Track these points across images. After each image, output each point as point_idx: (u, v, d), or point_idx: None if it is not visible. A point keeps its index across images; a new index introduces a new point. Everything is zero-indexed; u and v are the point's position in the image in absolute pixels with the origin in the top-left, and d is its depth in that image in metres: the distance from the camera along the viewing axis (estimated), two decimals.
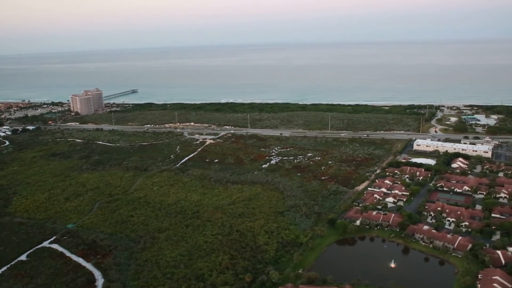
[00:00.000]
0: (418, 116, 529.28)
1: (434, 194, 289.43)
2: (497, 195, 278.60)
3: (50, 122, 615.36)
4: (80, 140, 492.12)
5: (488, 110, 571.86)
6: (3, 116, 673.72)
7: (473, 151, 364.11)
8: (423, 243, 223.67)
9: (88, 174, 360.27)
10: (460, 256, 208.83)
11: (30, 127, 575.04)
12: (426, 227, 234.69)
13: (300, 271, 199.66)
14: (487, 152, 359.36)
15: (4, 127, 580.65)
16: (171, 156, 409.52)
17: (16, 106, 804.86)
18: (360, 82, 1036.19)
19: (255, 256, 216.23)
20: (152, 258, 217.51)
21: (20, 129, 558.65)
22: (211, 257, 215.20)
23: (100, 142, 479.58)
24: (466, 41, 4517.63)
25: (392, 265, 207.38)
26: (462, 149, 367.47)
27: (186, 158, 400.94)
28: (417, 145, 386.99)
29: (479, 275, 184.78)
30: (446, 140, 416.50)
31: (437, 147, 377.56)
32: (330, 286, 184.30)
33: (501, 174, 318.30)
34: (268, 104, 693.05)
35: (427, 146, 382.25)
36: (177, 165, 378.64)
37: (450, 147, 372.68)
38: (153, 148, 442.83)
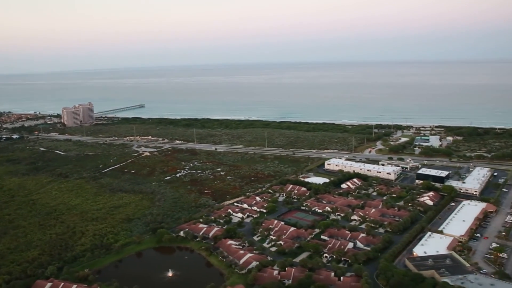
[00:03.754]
0: (364, 136, 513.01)
1: (292, 212, 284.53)
2: (351, 217, 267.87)
3: (36, 132, 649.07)
4: (43, 149, 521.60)
5: (451, 131, 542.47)
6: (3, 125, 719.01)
7: (377, 172, 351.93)
8: (220, 257, 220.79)
9: (17, 178, 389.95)
10: (243, 272, 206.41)
11: (15, 136, 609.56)
12: (230, 242, 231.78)
13: (86, 270, 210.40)
14: (389, 174, 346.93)
15: None
16: (100, 165, 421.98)
17: (25, 116, 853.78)
18: (355, 100, 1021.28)
19: (61, 254, 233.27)
20: None
21: (4, 138, 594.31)
22: (28, 252, 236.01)
23: (57, 151, 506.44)
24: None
25: (170, 274, 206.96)
26: (368, 170, 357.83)
27: (110, 168, 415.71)
28: (327, 164, 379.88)
29: None
30: (361, 160, 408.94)
31: (345, 167, 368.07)
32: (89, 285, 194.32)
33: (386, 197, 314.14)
34: (237, 120, 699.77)
35: (336, 165, 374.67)
36: (96, 174, 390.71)
37: (357, 168, 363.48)
38: (93, 158, 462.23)
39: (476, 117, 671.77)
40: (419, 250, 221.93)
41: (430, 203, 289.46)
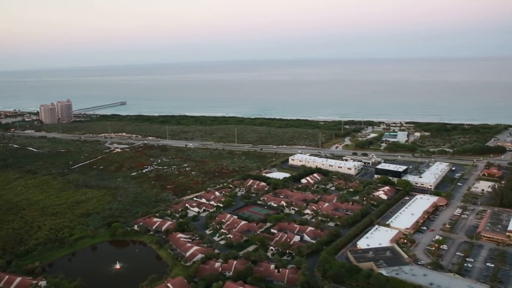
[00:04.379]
0: (334, 132, 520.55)
1: (249, 206, 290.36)
2: (304, 211, 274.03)
3: (12, 129, 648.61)
4: (16, 146, 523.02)
5: (420, 127, 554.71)
6: None
7: (339, 167, 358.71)
8: (169, 250, 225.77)
9: None
10: (188, 264, 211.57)
11: None
12: (180, 235, 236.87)
13: (37, 264, 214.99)
14: (350, 169, 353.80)
15: None
16: (70, 162, 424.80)
17: (4, 114, 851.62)
18: (334, 97, 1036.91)
19: (14, 248, 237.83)
20: None
21: None
22: None
23: (30, 148, 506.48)
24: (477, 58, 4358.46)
25: (117, 266, 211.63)
26: (329, 165, 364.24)
27: (80, 164, 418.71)
28: (291, 159, 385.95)
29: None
30: (325, 156, 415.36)
31: (308, 162, 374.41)
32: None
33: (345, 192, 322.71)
34: (212, 117, 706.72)
35: (299, 161, 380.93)
36: (65, 170, 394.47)
37: (319, 163, 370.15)
38: (65, 154, 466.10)
39: (449, 113, 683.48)
40: (363, 243, 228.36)
41: (385, 197, 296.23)
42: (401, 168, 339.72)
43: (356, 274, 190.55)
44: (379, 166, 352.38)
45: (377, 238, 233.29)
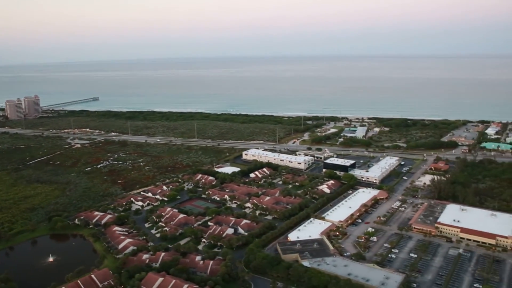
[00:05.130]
0: (295, 127, 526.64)
1: (193, 200, 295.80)
2: (245, 205, 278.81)
3: None
4: None
5: (381, 122, 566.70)
6: None
7: (289, 162, 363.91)
8: (104, 243, 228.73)
9: None
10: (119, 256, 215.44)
11: None
12: (116, 228, 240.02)
13: None
14: (300, 164, 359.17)
15: None
16: (28, 158, 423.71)
17: None
18: (306, 93, 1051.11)
19: None
20: None
21: None
22: None
23: None
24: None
25: (51, 259, 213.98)
26: (281, 160, 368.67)
27: (36, 160, 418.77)
28: (245, 154, 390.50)
29: None
30: (280, 151, 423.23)
31: (260, 157, 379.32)
32: None
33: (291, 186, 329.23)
34: (179, 113, 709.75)
35: (252, 156, 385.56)
36: (20, 166, 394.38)
37: (271, 158, 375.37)
38: (23, 150, 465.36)
39: (414, 109, 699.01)
40: (294, 235, 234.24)
41: (328, 191, 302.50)
42: (348, 162, 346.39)
43: (277, 265, 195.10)
44: (327, 161, 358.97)
45: (309, 230, 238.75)
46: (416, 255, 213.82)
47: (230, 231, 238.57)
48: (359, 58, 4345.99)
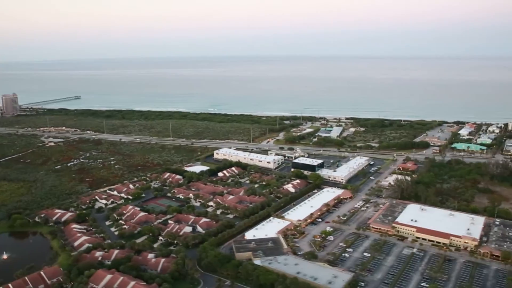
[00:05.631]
0: (271, 127, 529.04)
1: (158, 199, 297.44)
2: (208, 204, 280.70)
3: None
4: None
5: (358, 123, 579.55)
6: None
7: (259, 161, 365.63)
8: (61, 240, 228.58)
9: None
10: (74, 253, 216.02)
11: None
12: (74, 226, 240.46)
13: None
14: (269, 163, 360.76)
15: None
16: None
17: None
18: (288, 93, 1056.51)
19: None
20: None
21: None
22: None
23: None
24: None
25: (4, 256, 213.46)
26: (251, 159, 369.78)
27: (7, 158, 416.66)
28: (216, 154, 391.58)
29: None
30: (252, 150, 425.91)
31: (231, 156, 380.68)
32: None
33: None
34: (157, 112, 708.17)
35: (224, 155, 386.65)
36: None
37: (242, 157, 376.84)
38: None
39: (393, 109, 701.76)
40: (251, 234, 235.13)
41: (293, 190, 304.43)
42: (316, 162, 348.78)
43: (227, 263, 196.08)
44: (295, 160, 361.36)
45: (266, 229, 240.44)
46: (369, 255, 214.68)
47: (188, 229, 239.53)
48: (350, 58, 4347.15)
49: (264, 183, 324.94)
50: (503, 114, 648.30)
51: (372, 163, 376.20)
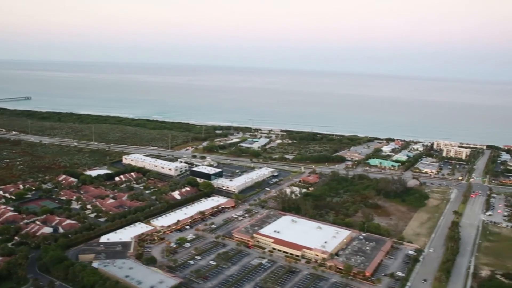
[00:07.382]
0: (196, 135, 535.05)
1: (41, 200, 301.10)
2: (86, 206, 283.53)
3: None
4: None
5: (290, 135, 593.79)
6: None
7: (162, 168, 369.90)
8: None
9: None
10: None
11: None
12: None
13: None
14: (171, 170, 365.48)
15: None
16: None
17: None
18: (241, 104, 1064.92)
19: None
20: None
21: None
22: None
23: None
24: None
25: None
26: (155, 166, 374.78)
27: None
28: (125, 158, 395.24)
29: None
30: (160, 157, 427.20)
31: (137, 162, 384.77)
32: None
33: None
34: (93, 116, 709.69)
35: (131, 160, 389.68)
36: None
37: (147, 163, 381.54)
38: None
39: (335, 124, 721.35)
40: (106, 237, 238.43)
41: (178, 197, 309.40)
42: (213, 171, 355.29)
43: (59, 264, 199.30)
44: (194, 168, 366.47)
45: (125, 233, 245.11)
46: (215, 263, 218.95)
47: (48, 230, 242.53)
48: (349, 75, 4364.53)
49: (156, 189, 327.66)
50: (437, 133, 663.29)
51: (276, 174, 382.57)
